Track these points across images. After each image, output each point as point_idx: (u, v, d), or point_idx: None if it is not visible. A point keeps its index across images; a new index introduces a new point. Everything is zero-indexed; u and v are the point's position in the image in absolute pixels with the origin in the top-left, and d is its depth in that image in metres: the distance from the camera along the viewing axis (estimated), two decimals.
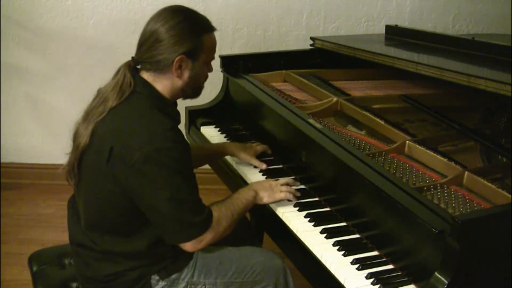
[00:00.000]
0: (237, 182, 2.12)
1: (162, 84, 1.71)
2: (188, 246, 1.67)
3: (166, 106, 1.72)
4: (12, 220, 3.25)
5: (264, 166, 2.10)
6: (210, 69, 1.80)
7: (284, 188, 1.87)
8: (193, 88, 1.77)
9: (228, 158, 2.22)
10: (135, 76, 1.70)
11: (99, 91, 1.74)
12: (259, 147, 2.17)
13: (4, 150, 3.63)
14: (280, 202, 1.87)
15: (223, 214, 1.71)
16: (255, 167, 2.11)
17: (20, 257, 2.57)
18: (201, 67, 1.74)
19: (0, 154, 3.62)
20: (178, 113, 1.78)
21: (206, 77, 1.80)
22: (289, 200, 1.87)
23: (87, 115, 1.71)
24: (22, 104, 3.55)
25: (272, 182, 1.90)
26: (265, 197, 1.85)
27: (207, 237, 1.67)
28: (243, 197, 1.81)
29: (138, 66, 1.74)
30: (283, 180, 1.92)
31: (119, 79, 1.68)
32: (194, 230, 1.65)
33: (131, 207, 1.65)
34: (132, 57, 1.73)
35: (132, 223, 1.70)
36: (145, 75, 1.71)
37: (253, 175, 2.07)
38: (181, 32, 1.66)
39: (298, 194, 1.89)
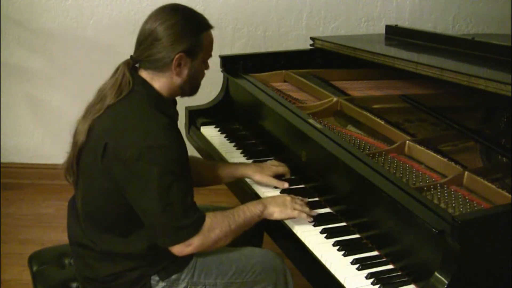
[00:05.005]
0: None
1: (161, 82, 1.71)
2: (175, 250, 1.65)
3: (164, 104, 1.72)
4: (12, 220, 3.25)
5: (286, 185, 1.96)
6: (207, 67, 1.80)
7: (298, 206, 1.77)
8: (191, 86, 1.77)
9: None
10: (133, 75, 1.71)
11: (99, 90, 1.74)
12: (280, 168, 2.01)
13: (4, 150, 3.62)
14: None
15: (218, 222, 1.67)
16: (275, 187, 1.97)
17: (20, 257, 2.57)
18: (199, 65, 1.74)
19: (0, 154, 3.61)
20: (176, 112, 1.78)
21: (204, 74, 1.80)
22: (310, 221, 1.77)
23: (86, 112, 1.71)
24: (22, 104, 3.55)
25: (287, 197, 1.80)
26: (276, 213, 1.77)
27: (195, 242, 1.63)
28: (248, 209, 1.75)
29: (137, 65, 1.74)
30: (299, 199, 1.82)
31: (118, 78, 1.69)
32: (181, 233, 1.62)
33: (127, 205, 1.65)
34: (131, 56, 1.73)
35: (129, 222, 1.69)
36: (144, 74, 1.72)
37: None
38: (179, 30, 1.67)
39: (314, 214, 1.80)
